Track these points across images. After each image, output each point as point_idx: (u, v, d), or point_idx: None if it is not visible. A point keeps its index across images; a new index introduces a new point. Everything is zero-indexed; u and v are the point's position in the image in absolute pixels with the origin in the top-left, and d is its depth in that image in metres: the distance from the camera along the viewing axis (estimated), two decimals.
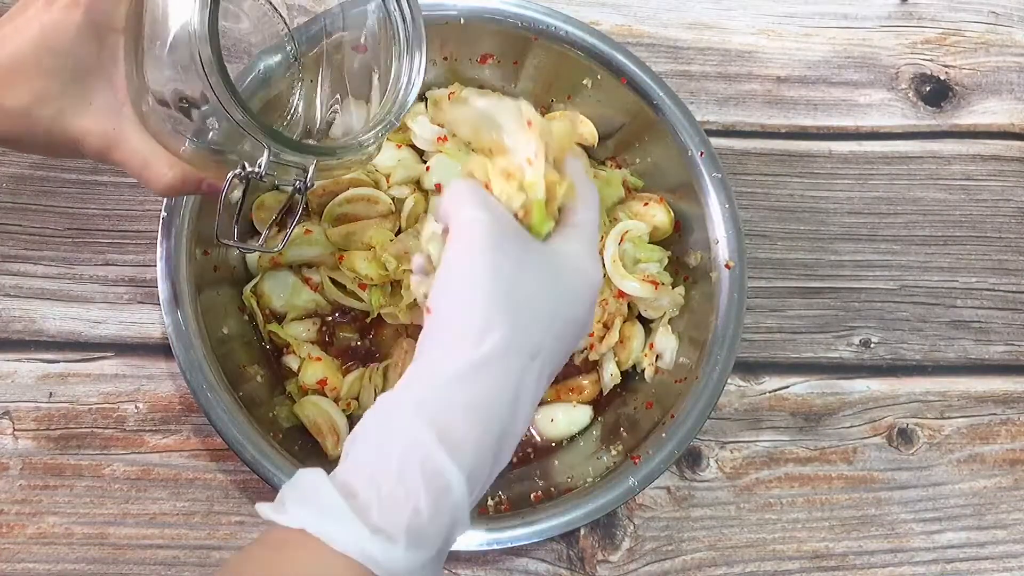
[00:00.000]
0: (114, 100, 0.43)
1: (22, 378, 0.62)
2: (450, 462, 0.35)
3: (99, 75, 0.43)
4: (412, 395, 0.37)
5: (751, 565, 0.63)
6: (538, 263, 0.40)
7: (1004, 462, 0.68)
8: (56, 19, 0.41)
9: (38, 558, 0.58)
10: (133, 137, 0.44)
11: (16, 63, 0.41)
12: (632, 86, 0.64)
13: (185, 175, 0.45)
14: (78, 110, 0.43)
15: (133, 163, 0.44)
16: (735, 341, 0.59)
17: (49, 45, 0.41)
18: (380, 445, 0.36)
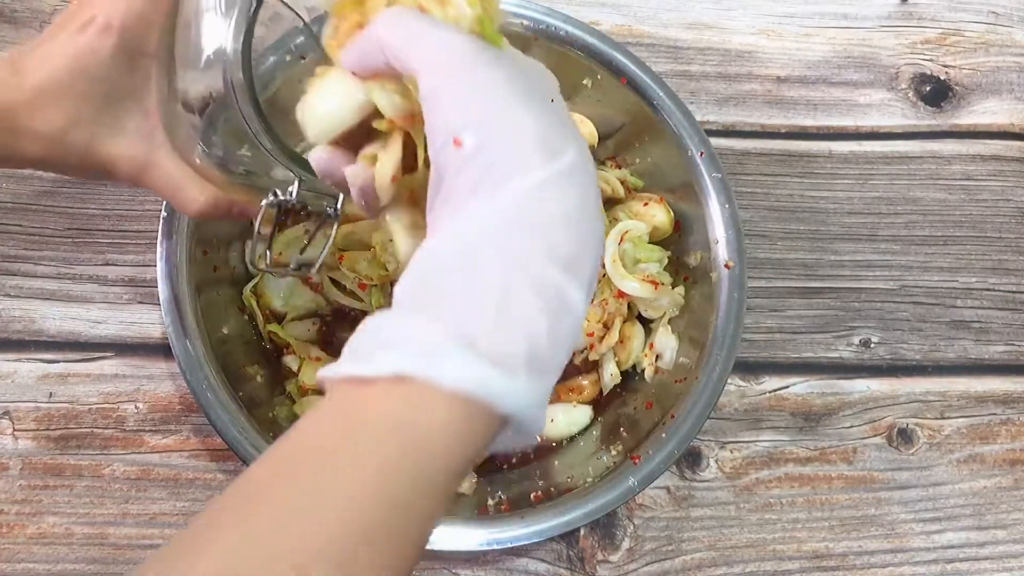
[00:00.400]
0: (146, 124, 0.44)
1: (22, 378, 0.62)
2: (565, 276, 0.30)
3: (132, 99, 0.43)
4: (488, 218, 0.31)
5: (751, 565, 0.63)
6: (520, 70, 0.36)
7: (1004, 462, 0.68)
8: (89, 44, 0.41)
9: (38, 558, 0.58)
10: (165, 161, 0.44)
11: (50, 87, 0.41)
12: (632, 86, 0.64)
13: (216, 199, 0.46)
14: (111, 134, 0.43)
15: (165, 187, 0.45)
16: (735, 341, 0.59)
17: (82, 70, 0.41)
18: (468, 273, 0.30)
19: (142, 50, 0.42)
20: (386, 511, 0.28)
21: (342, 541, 0.27)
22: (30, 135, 0.42)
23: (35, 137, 0.42)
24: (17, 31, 0.72)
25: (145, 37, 0.42)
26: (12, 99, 0.41)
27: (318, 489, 0.28)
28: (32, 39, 0.71)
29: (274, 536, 0.27)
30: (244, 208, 0.47)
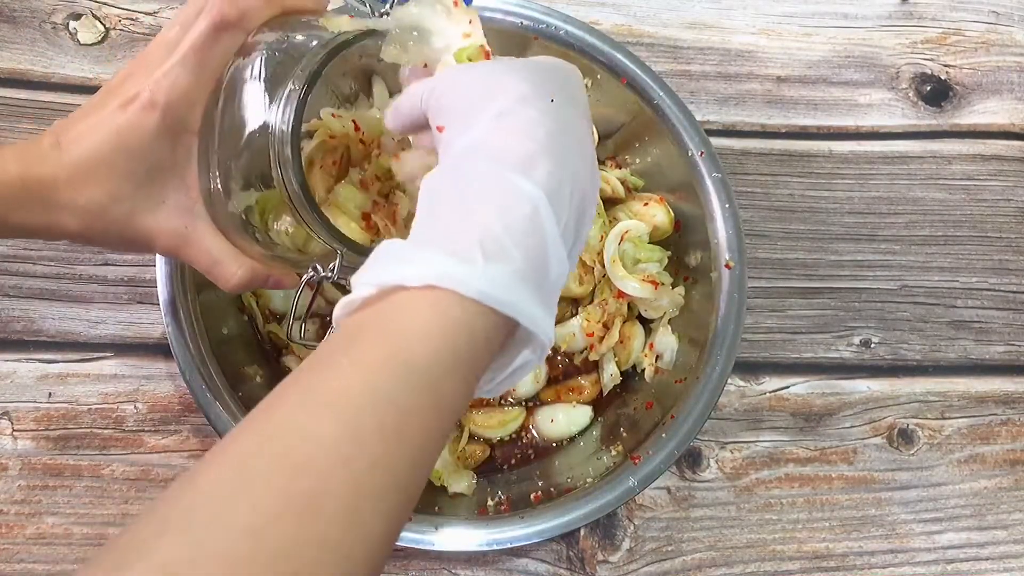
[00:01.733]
0: (187, 199, 0.44)
1: (21, 378, 0.62)
2: (522, 177, 0.34)
3: (172, 174, 0.43)
4: (456, 152, 0.36)
5: (751, 565, 0.63)
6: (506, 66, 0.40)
7: (1004, 462, 0.68)
8: (132, 120, 0.41)
9: (37, 558, 0.58)
10: (204, 235, 0.44)
11: (91, 163, 0.41)
12: (632, 86, 0.64)
13: (254, 273, 0.46)
14: (151, 209, 0.43)
15: (203, 261, 0.45)
16: (735, 341, 0.59)
17: (125, 146, 0.41)
18: (433, 194, 0.35)
19: (185, 128, 0.42)
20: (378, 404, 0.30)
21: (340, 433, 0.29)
22: (70, 209, 0.42)
23: (75, 211, 0.42)
24: (17, 31, 0.72)
25: (189, 115, 0.42)
26: (53, 173, 0.41)
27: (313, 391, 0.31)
28: (32, 39, 0.71)
29: (278, 434, 0.29)
30: (279, 279, 0.48)
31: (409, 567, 0.60)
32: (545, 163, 0.35)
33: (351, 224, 0.51)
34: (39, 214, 0.42)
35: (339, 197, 0.50)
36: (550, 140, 0.35)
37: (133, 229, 0.43)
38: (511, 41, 0.65)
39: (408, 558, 0.60)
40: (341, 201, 0.50)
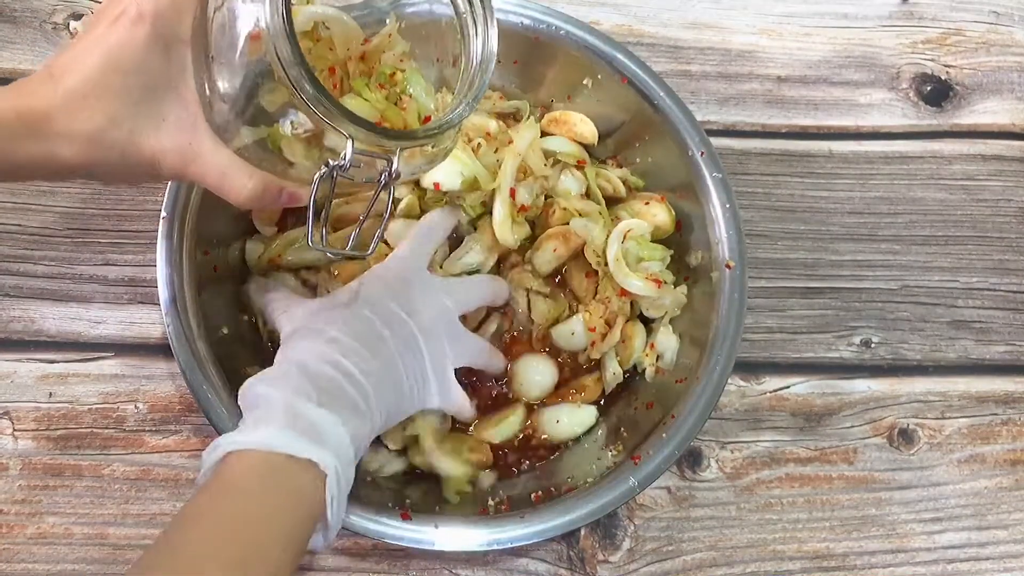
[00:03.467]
0: (187, 114, 0.42)
1: (22, 378, 0.62)
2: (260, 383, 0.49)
3: (169, 90, 0.42)
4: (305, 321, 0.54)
5: (752, 565, 0.63)
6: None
7: (1005, 462, 0.68)
8: (121, 37, 0.40)
9: (38, 558, 0.58)
10: (210, 150, 0.43)
11: (86, 86, 0.40)
12: (632, 86, 0.64)
13: (266, 184, 0.44)
14: (152, 128, 0.42)
15: (212, 176, 0.43)
16: (735, 341, 0.59)
17: (117, 64, 0.40)
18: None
19: (176, 37, 0.41)
20: None
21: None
22: (68, 138, 0.40)
23: (73, 139, 0.41)
24: (17, 31, 0.72)
25: (178, 24, 0.41)
26: (48, 103, 0.40)
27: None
28: (32, 39, 0.71)
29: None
30: (295, 192, 0.46)
31: (409, 567, 0.60)
32: None
33: None
34: (36, 146, 0.40)
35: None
36: None
37: (135, 152, 0.42)
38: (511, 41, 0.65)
39: (408, 558, 0.60)
40: None
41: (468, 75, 0.47)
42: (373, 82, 0.49)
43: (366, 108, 0.47)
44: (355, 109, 0.45)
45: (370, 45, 0.49)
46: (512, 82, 0.68)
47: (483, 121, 0.65)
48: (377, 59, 0.50)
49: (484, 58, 0.47)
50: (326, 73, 0.47)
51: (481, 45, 0.47)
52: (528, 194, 0.62)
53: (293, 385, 0.46)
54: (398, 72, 0.50)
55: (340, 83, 0.48)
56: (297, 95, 0.40)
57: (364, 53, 0.49)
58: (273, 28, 0.39)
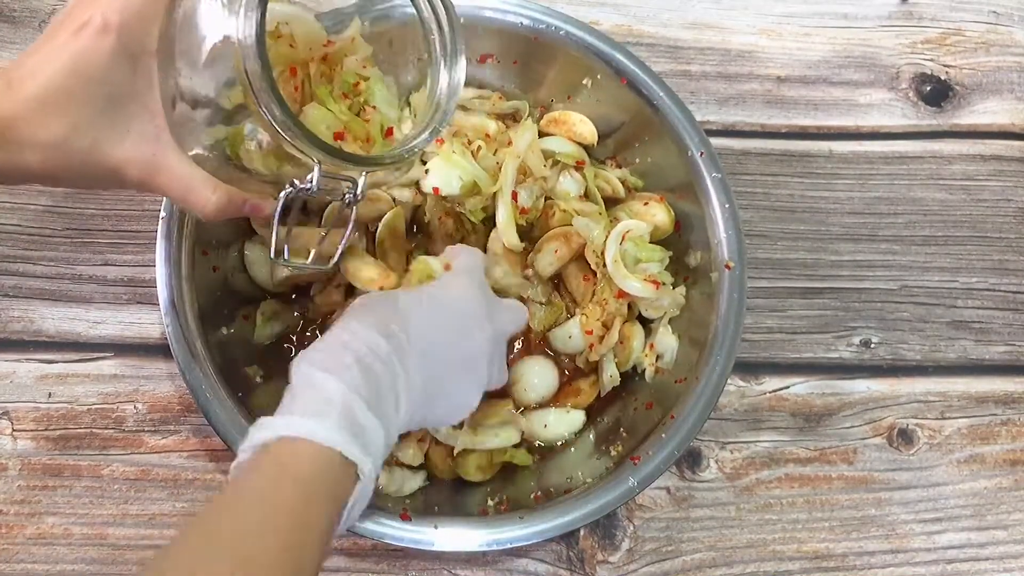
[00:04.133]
0: (152, 126, 0.42)
1: (21, 378, 0.62)
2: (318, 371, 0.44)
3: (134, 101, 0.41)
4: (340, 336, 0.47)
5: (751, 566, 0.63)
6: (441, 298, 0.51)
7: (1004, 462, 0.68)
8: (87, 46, 0.39)
9: (37, 558, 0.58)
10: (174, 162, 0.43)
11: (48, 95, 0.40)
12: (632, 86, 0.64)
13: (230, 197, 0.44)
14: (115, 138, 0.41)
15: (175, 189, 0.43)
16: (735, 341, 0.59)
17: (81, 73, 0.40)
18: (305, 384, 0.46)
19: (142, 49, 0.41)
20: None
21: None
22: (30, 145, 0.40)
23: (35, 147, 0.40)
24: (16, 31, 0.72)
25: (145, 35, 0.41)
26: (9, 112, 0.39)
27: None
28: (31, 39, 0.71)
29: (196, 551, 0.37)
30: (257, 204, 0.46)
31: (409, 567, 0.60)
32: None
33: None
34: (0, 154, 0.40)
35: (309, 119, 0.48)
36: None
37: (99, 161, 0.42)
38: (511, 41, 0.65)
39: (408, 558, 0.60)
40: (312, 123, 0.47)
41: (433, 101, 0.48)
42: (337, 91, 0.49)
43: (329, 118, 0.47)
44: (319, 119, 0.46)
45: (333, 48, 0.49)
46: (512, 82, 0.68)
47: (482, 122, 0.65)
48: (339, 62, 0.50)
49: (451, 89, 0.48)
50: (287, 74, 0.47)
51: (448, 76, 0.48)
52: (528, 196, 0.62)
53: (350, 380, 0.44)
54: (361, 82, 0.50)
55: (301, 85, 0.48)
56: (265, 118, 0.40)
57: (326, 55, 0.49)
58: (245, 47, 0.39)
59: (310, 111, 0.47)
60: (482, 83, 0.68)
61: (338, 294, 0.62)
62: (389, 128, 0.50)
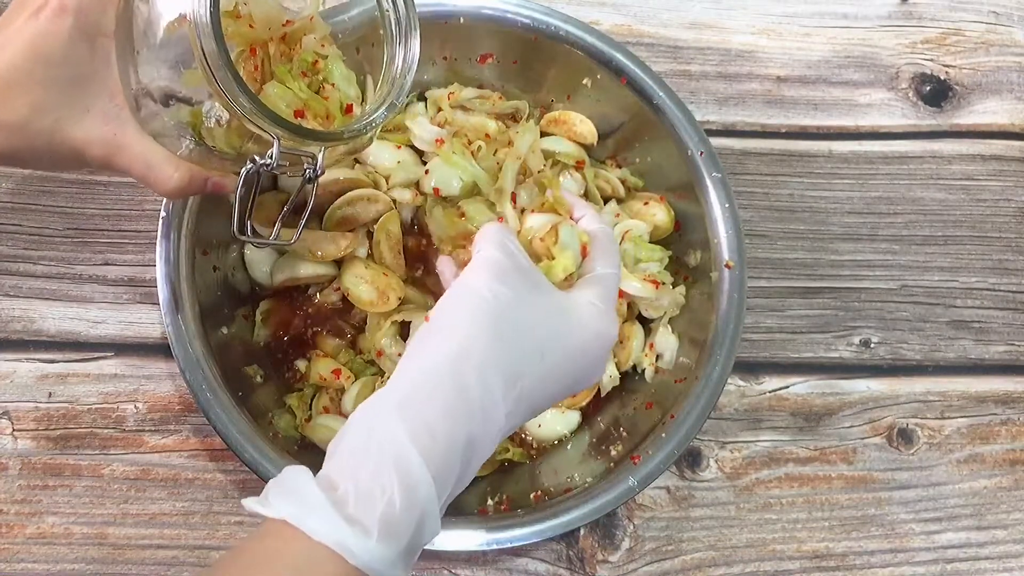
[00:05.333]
0: (112, 105, 0.43)
1: (21, 378, 0.62)
2: (419, 459, 0.38)
3: (94, 81, 0.42)
4: (394, 394, 0.40)
5: (751, 565, 0.63)
6: (543, 302, 0.44)
7: (1004, 462, 0.68)
8: (44, 28, 0.40)
9: (37, 558, 0.58)
10: (135, 141, 0.43)
11: (7, 76, 0.40)
12: (632, 86, 0.64)
13: (192, 175, 0.45)
14: (76, 119, 0.42)
15: (137, 168, 0.44)
16: (735, 341, 0.59)
17: (40, 55, 0.40)
18: (362, 441, 0.39)
19: (100, 30, 0.41)
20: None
21: None
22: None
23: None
24: None
25: (102, 16, 0.41)
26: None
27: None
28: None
29: None
30: (219, 182, 0.47)
31: None
32: (452, 457, 0.39)
33: None
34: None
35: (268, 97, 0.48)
36: (467, 432, 0.39)
37: (60, 142, 0.42)
38: (511, 41, 0.65)
39: None
40: (271, 101, 0.47)
41: (389, 76, 0.49)
42: (296, 69, 0.50)
43: (289, 96, 0.48)
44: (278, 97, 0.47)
45: (291, 27, 0.50)
46: (512, 82, 0.68)
47: (482, 122, 0.65)
48: (298, 41, 0.50)
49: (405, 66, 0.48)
50: (247, 54, 0.47)
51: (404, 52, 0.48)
52: (528, 196, 0.62)
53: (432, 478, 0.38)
54: (320, 60, 0.50)
55: (261, 64, 0.49)
56: (222, 95, 0.40)
57: (285, 35, 0.50)
58: (200, 26, 0.39)
59: (269, 89, 0.48)
60: (482, 83, 0.68)
61: (337, 295, 0.62)
62: (348, 105, 0.50)
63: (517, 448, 0.62)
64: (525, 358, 0.42)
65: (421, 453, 0.38)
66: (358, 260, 0.61)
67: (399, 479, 0.37)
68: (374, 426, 0.39)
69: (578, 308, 0.45)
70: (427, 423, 0.38)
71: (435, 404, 0.39)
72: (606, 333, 0.45)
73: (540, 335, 0.42)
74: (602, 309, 0.46)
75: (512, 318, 0.42)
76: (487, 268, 0.43)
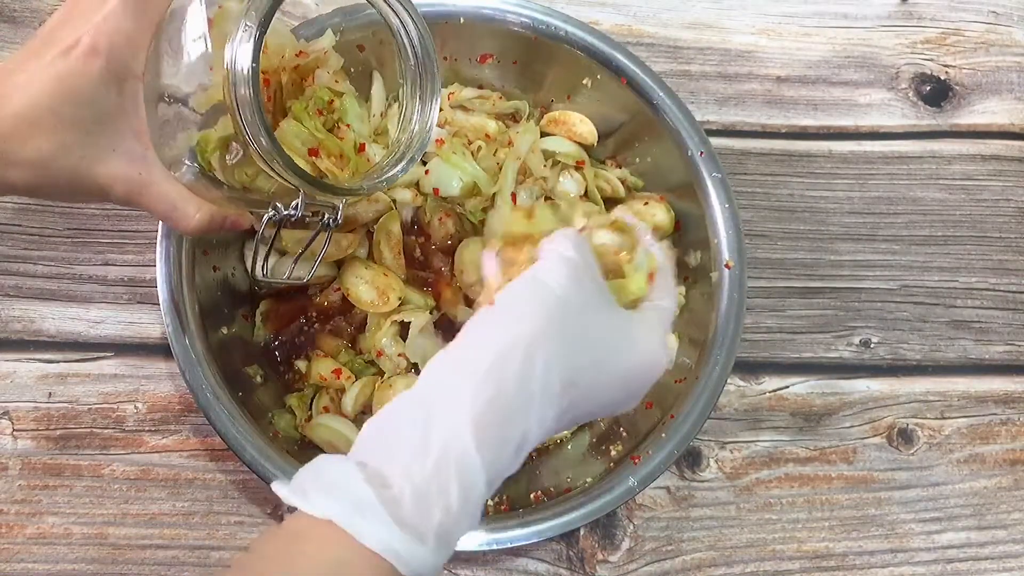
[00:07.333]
0: (137, 145, 0.43)
1: (21, 378, 0.62)
2: (480, 460, 0.36)
3: (121, 121, 0.42)
4: (458, 378, 0.37)
5: (751, 565, 0.63)
6: (609, 316, 0.43)
7: (1004, 462, 0.68)
8: (74, 68, 0.40)
9: (37, 558, 0.58)
10: (159, 181, 0.44)
11: (33, 114, 0.40)
12: (632, 86, 0.64)
13: (212, 216, 0.46)
14: (102, 158, 0.42)
15: (160, 207, 0.44)
16: (735, 341, 0.59)
17: (68, 94, 0.40)
18: (419, 432, 0.36)
19: (130, 72, 0.41)
20: None
21: None
22: (16, 162, 0.40)
23: (21, 164, 0.40)
24: (16, 31, 0.72)
25: (133, 59, 0.41)
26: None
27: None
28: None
29: None
30: (237, 220, 0.47)
31: None
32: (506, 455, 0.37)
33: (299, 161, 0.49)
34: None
35: (285, 134, 0.49)
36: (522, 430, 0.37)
37: (85, 179, 0.42)
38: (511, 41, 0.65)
39: None
40: (288, 139, 0.48)
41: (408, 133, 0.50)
42: (312, 107, 0.50)
43: (304, 134, 0.49)
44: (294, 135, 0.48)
45: (305, 59, 0.50)
46: (512, 82, 0.68)
47: (482, 122, 0.65)
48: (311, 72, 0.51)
49: (425, 129, 0.50)
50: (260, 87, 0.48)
51: (426, 112, 0.50)
52: (528, 197, 0.62)
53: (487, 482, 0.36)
54: (335, 99, 0.51)
55: (274, 96, 0.49)
56: (252, 146, 0.41)
57: (298, 65, 0.50)
58: (237, 75, 0.40)
59: (285, 126, 0.48)
60: (482, 83, 0.68)
61: (337, 295, 0.62)
62: (361, 144, 0.52)
63: None
64: (584, 365, 0.40)
65: (481, 452, 0.36)
66: (358, 260, 0.61)
67: (459, 482, 0.35)
68: (434, 416, 0.36)
69: (640, 332, 0.44)
70: (490, 418, 0.36)
71: (501, 395, 0.37)
72: (659, 364, 0.44)
73: (601, 347, 0.41)
74: (661, 340, 0.45)
75: (580, 322, 0.40)
76: (564, 266, 0.41)
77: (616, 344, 0.42)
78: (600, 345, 0.41)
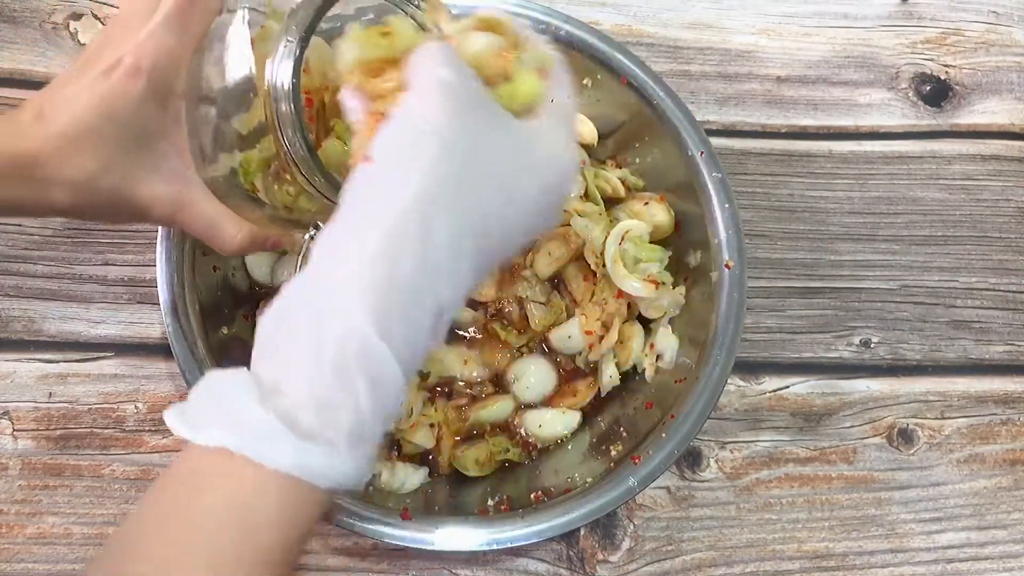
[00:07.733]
0: (179, 164, 0.43)
1: (21, 378, 0.62)
2: (386, 347, 0.32)
3: (163, 141, 0.42)
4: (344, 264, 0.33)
5: (751, 565, 0.63)
6: (505, 135, 0.37)
7: (1004, 462, 0.68)
8: (117, 87, 0.39)
9: (37, 558, 0.58)
10: (200, 200, 0.43)
11: (77, 133, 0.39)
12: (632, 86, 0.64)
13: (253, 235, 0.45)
14: (143, 177, 0.42)
15: (201, 226, 0.44)
16: (735, 341, 0.59)
17: (111, 113, 0.40)
18: (311, 332, 0.33)
19: (172, 91, 0.41)
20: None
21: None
22: (58, 182, 0.40)
23: (64, 184, 0.40)
24: (16, 31, 0.72)
25: (175, 78, 0.41)
26: (37, 147, 0.39)
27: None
28: (32, 39, 0.71)
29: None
30: (277, 240, 0.47)
31: (409, 567, 0.60)
32: (417, 336, 0.34)
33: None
34: (26, 190, 0.40)
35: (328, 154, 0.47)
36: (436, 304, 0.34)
37: (126, 199, 0.42)
38: None
39: (408, 558, 0.60)
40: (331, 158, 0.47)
41: None
42: None
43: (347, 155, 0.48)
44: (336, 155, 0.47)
45: None
46: None
47: None
48: None
49: None
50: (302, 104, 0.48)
51: None
52: None
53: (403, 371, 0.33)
54: None
55: (316, 115, 0.49)
56: (298, 169, 0.40)
57: None
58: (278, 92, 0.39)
59: (328, 146, 0.48)
60: None
61: None
62: None
63: (517, 448, 0.62)
64: (491, 210, 0.35)
65: (387, 339, 0.32)
66: None
67: (365, 377, 0.32)
68: (324, 310, 0.33)
69: (544, 141, 0.38)
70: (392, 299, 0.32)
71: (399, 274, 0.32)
72: (574, 169, 0.40)
73: (508, 180, 0.36)
74: (567, 141, 0.40)
75: (476, 161, 0.35)
76: (438, 94, 0.34)
77: (522, 168, 0.37)
78: (506, 179, 0.36)
